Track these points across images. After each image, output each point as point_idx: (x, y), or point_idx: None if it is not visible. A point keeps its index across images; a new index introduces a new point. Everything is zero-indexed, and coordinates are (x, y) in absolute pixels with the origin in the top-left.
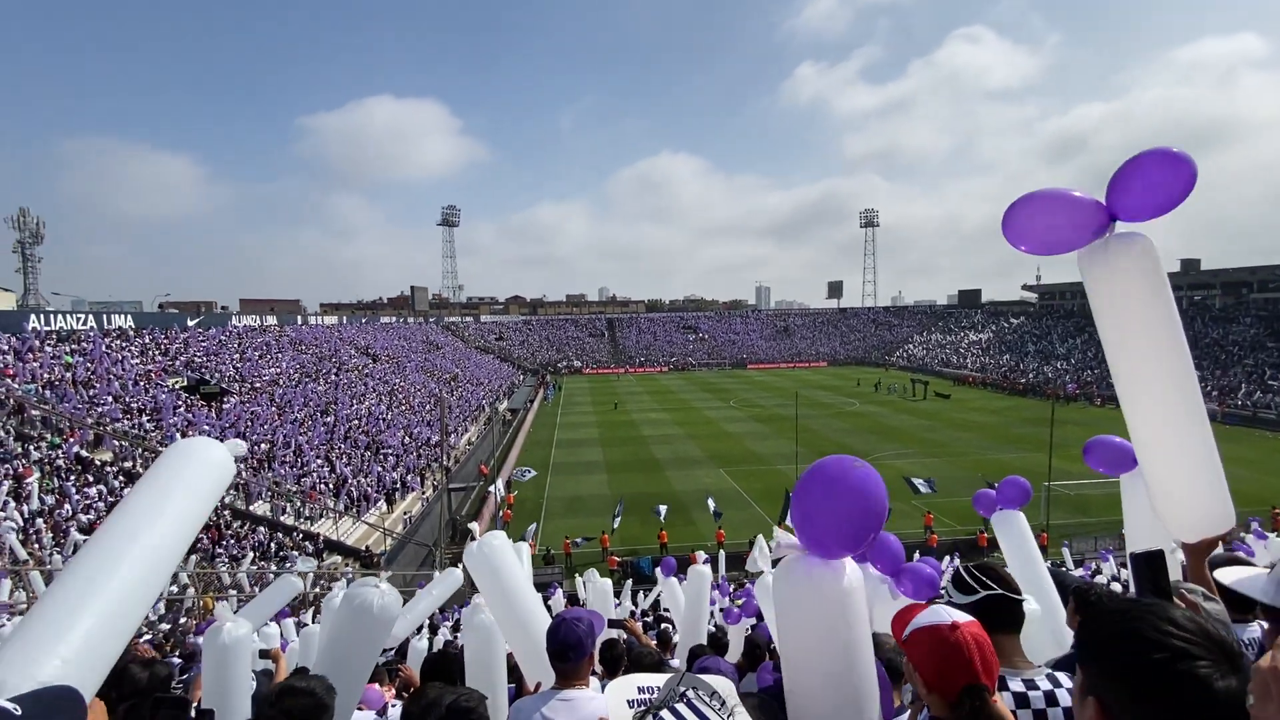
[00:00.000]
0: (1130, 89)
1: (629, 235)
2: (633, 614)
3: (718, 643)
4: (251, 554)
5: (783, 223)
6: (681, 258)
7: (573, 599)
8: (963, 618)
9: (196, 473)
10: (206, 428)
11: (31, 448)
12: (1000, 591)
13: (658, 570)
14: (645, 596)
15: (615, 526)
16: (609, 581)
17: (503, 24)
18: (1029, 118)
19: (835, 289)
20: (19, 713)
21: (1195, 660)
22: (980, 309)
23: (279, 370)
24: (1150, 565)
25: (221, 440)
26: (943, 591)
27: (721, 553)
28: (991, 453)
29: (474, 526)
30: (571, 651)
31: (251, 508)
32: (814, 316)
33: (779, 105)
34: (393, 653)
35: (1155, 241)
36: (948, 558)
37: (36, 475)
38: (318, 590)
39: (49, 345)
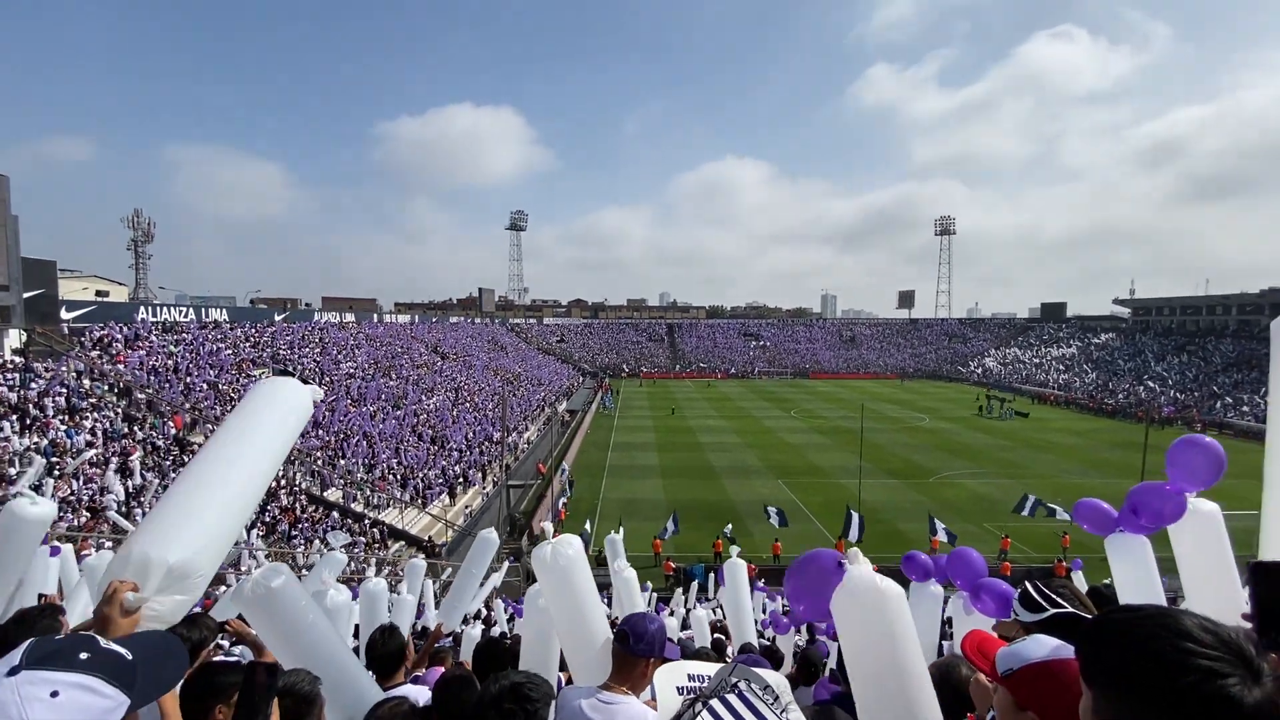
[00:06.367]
0: (1235, 89)
1: (691, 241)
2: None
3: (772, 655)
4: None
5: (849, 229)
6: (744, 264)
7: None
8: (1068, 652)
9: (284, 408)
10: None
11: (136, 428)
12: (1070, 610)
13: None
14: (695, 602)
15: (668, 535)
16: (634, 572)
17: (574, 31)
18: (1120, 122)
19: (906, 299)
20: (131, 657)
21: (1224, 679)
22: (1065, 323)
23: (355, 364)
24: None
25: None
26: (1013, 614)
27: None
28: (1073, 476)
29: (548, 526)
30: (640, 643)
31: (325, 494)
32: (882, 327)
33: (847, 109)
34: (449, 639)
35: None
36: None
37: (140, 454)
38: (385, 575)
39: (155, 335)
